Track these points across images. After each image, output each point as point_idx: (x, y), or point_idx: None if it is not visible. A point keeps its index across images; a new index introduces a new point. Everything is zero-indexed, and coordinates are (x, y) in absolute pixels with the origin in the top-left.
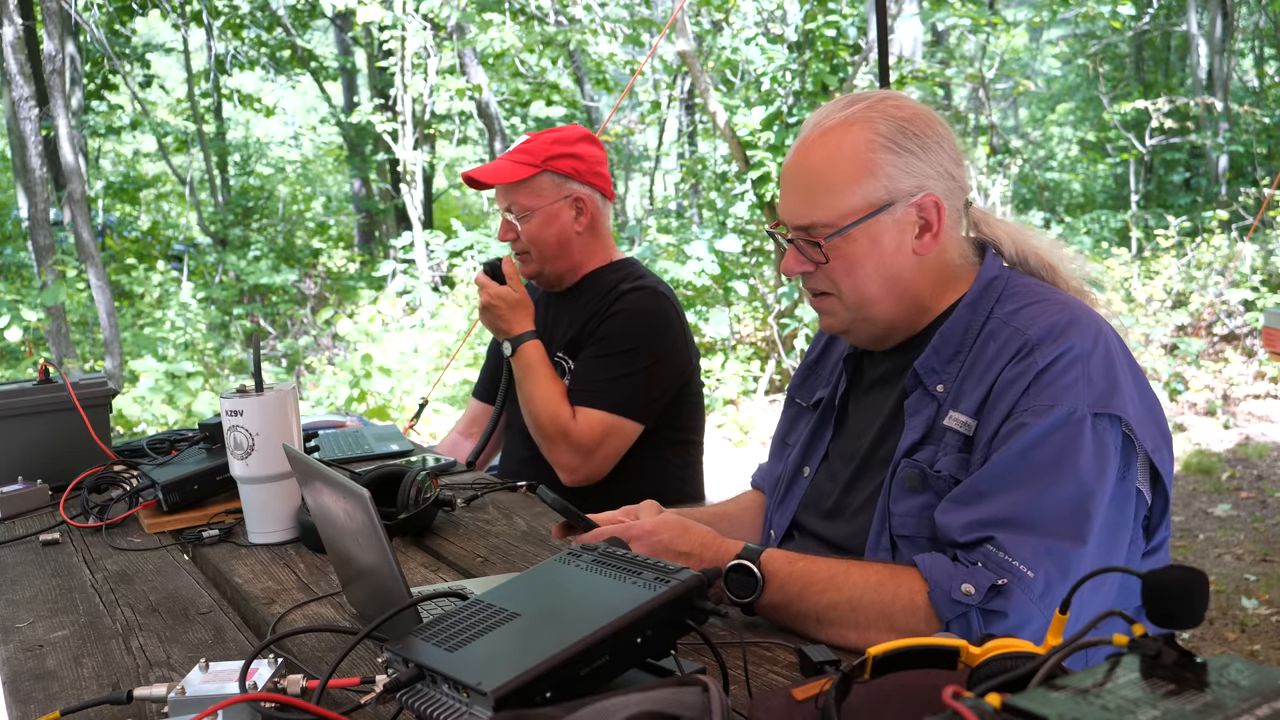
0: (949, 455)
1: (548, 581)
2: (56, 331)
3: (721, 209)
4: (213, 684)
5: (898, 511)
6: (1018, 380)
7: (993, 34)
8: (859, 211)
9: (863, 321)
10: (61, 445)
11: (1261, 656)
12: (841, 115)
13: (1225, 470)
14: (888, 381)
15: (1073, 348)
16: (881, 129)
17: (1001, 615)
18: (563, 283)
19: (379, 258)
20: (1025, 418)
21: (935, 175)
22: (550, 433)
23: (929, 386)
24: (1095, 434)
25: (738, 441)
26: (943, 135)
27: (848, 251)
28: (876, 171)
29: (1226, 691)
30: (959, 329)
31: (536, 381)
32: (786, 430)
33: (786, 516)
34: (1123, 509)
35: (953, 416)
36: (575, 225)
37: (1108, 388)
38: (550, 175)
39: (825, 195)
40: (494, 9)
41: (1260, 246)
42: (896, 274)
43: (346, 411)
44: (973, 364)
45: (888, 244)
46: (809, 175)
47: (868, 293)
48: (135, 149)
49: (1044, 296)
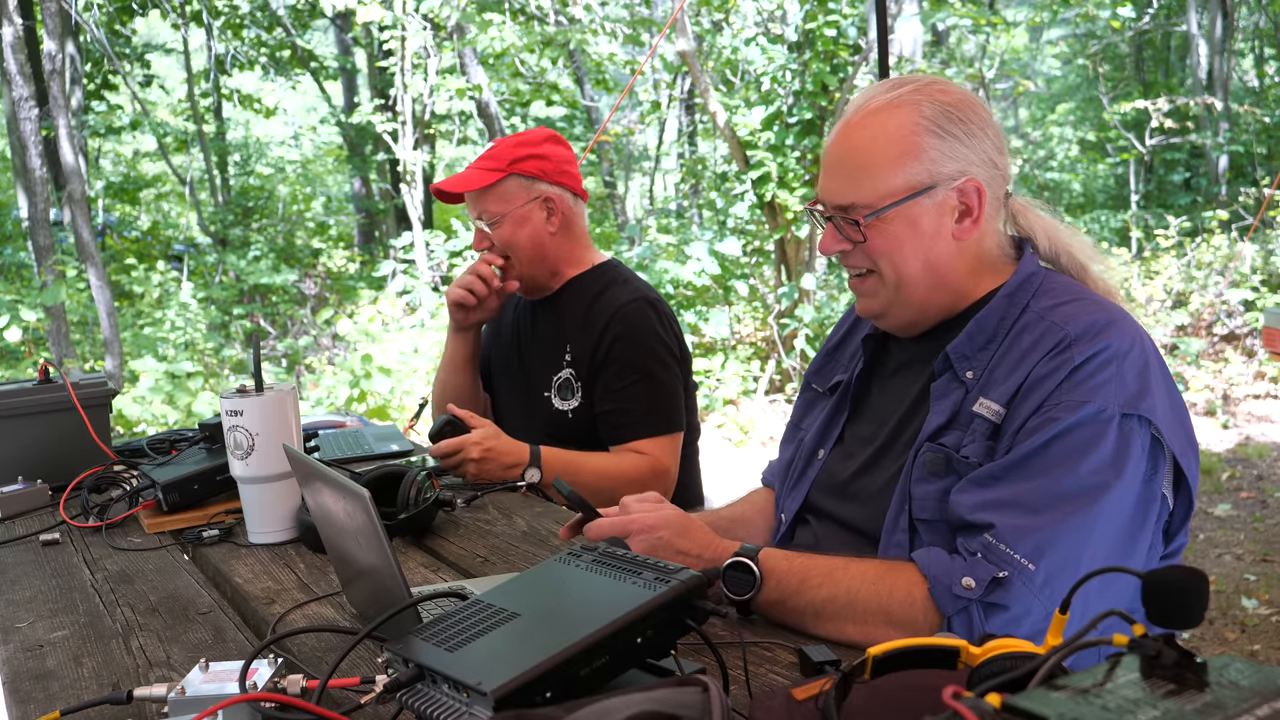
0: (976, 442)
1: (548, 581)
2: (56, 331)
3: (721, 209)
4: (213, 684)
5: (918, 495)
6: (1053, 374)
7: (993, 34)
8: (899, 193)
9: (899, 304)
10: (61, 445)
11: (1261, 656)
12: (886, 97)
13: (1225, 470)
14: (913, 366)
15: (1110, 346)
16: (927, 112)
17: (1002, 608)
18: (545, 289)
19: (379, 258)
20: (1055, 412)
21: (978, 161)
22: (631, 487)
23: (959, 372)
24: (1120, 433)
25: (738, 441)
26: (988, 122)
27: (886, 231)
28: (919, 154)
29: (1226, 691)
30: (994, 318)
31: (582, 468)
32: (801, 416)
33: (798, 500)
34: (1146, 510)
35: (983, 404)
36: (548, 226)
37: (1139, 390)
38: (517, 178)
39: (867, 176)
40: (494, 9)
41: (1260, 246)
42: (935, 258)
43: (346, 411)
44: (1005, 354)
45: (926, 226)
46: (851, 156)
47: (906, 273)
48: (135, 149)
49: (1082, 295)
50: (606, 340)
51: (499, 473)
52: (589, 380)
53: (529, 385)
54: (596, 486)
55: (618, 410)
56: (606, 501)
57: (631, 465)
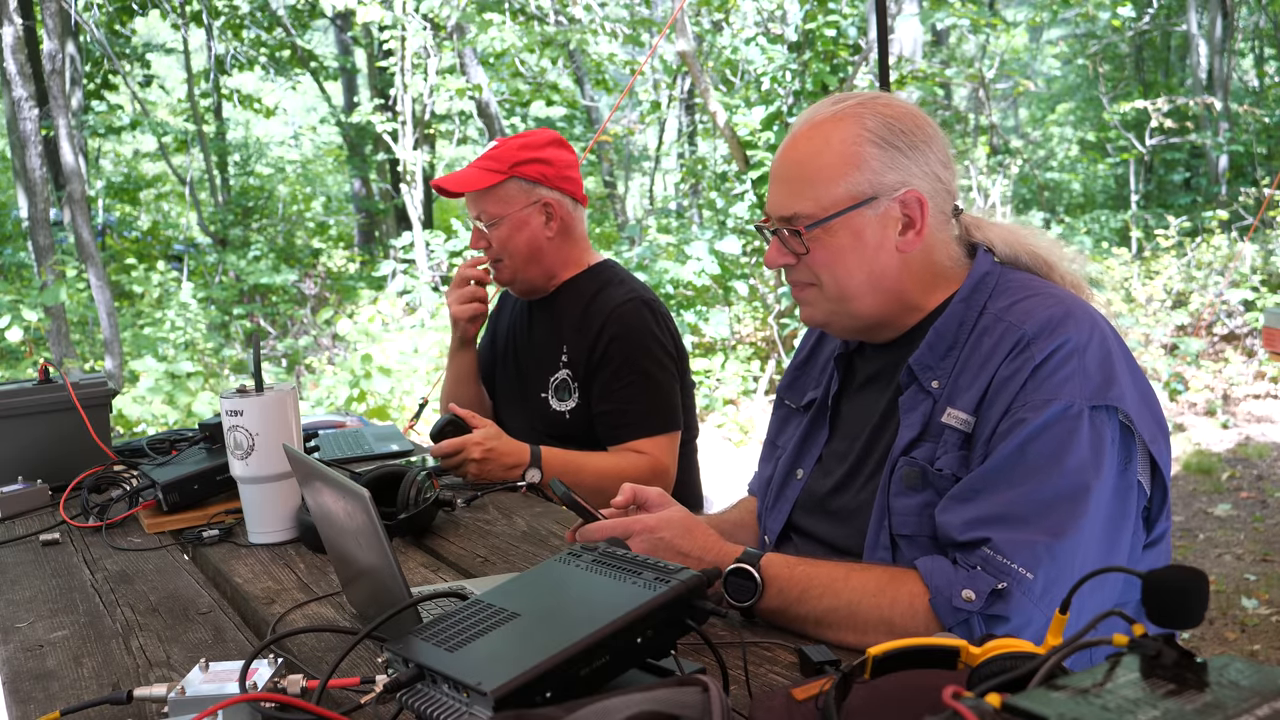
0: (949, 453)
1: (548, 581)
2: (56, 331)
3: (721, 209)
4: (213, 684)
5: (897, 510)
6: (1015, 376)
7: (993, 34)
8: (841, 203)
9: (842, 315)
10: (61, 445)
11: (1261, 656)
12: (831, 110)
13: (1225, 470)
14: (879, 379)
15: (1069, 340)
16: (869, 124)
17: (1003, 619)
18: (539, 291)
19: (379, 258)
20: (1023, 413)
21: (920, 174)
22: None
23: (924, 383)
24: (1093, 427)
25: (738, 441)
26: (932, 137)
27: (829, 243)
28: (861, 165)
29: (1226, 691)
30: (953, 324)
31: (583, 468)
32: (776, 433)
33: (779, 520)
34: (1124, 501)
35: (951, 414)
36: (546, 231)
37: (1104, 380)
38: (518, 181)
39: (809, 186)
40: (494, 9)
41: (1260, 246)
42: (879, 270)
43: (346, 411)
44: (968, 359)
45: (870, 238)
46: (795, 167)
47: (849, 286)
48: (135, 149)
49: (1037, 290)
50: (603, 341)
51: (500, 473)
52: (586, 381)
53: (526, 387)
54: (597, 486)
55: (615, 410)
56: (606, 502)
57: (631, 465)
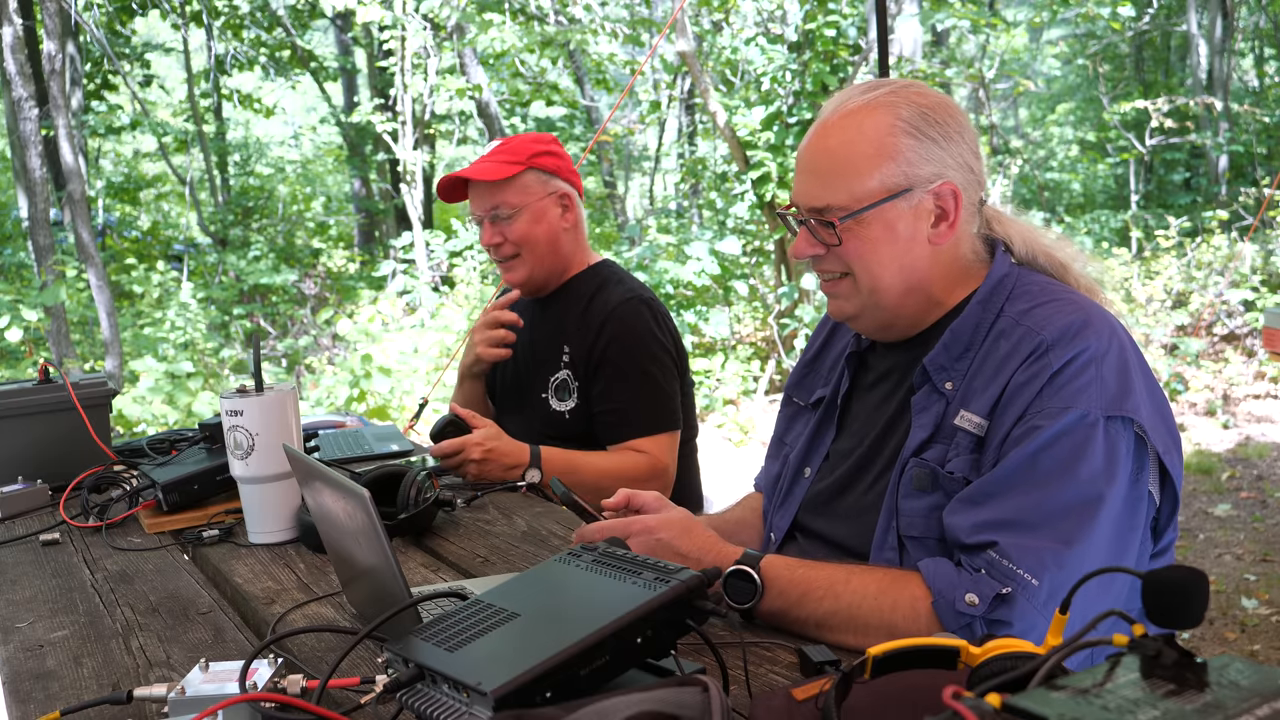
0: (961, 456)
1: (548, 581)
2: (56, 331)
3: (721, 209)
4: (213, 684)
5: (906, 511)
6: (1032, 382)
7: (993, 34)
8: (875, 195)
9: (873, 308)
10: (61, 445)
11: (1261, 656)
12: (863, 99)
13: (1225, 470)
14: (891, 378)
15: (1087, 349)
16: (904, 114)
17: (1006, 624)
18: (548, 287)
19: (379, 258)
20: (1038, 420)
21: (955, 165)
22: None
23: (937, 384)
24: (1107, 437)
25: (738, 441)
26: (964, 127)
27: (862, 235)
28: (896, 156)
29: (1226, 691)
30: (969, 326)
31: (583, 468)
32: (784, 430)
33: (787, 518)
34: (1135, 511)
35: (964, 416)
36: (562, 222)
37: (1121, 390)
38: (535, 172)
39: (842, 178)
40: (494, 9)
41: (1260, 246)
42: (910, 262)
43: (346, 411)
44: (983, 362)
45: (903, 230)
46: (827, 157)
47: (882, 279)
48: (135, 149)
49: (1056, 295)
50: (602, 341)
51: (500, 473)
52: (586, 381)
53: (526, 387)
54: (597, 486)
55: (615, 410)
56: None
57: (631, 464)
